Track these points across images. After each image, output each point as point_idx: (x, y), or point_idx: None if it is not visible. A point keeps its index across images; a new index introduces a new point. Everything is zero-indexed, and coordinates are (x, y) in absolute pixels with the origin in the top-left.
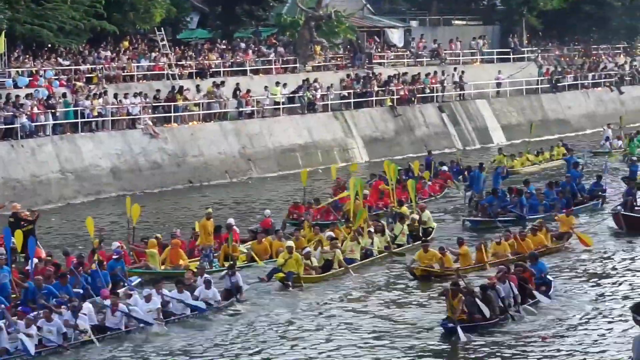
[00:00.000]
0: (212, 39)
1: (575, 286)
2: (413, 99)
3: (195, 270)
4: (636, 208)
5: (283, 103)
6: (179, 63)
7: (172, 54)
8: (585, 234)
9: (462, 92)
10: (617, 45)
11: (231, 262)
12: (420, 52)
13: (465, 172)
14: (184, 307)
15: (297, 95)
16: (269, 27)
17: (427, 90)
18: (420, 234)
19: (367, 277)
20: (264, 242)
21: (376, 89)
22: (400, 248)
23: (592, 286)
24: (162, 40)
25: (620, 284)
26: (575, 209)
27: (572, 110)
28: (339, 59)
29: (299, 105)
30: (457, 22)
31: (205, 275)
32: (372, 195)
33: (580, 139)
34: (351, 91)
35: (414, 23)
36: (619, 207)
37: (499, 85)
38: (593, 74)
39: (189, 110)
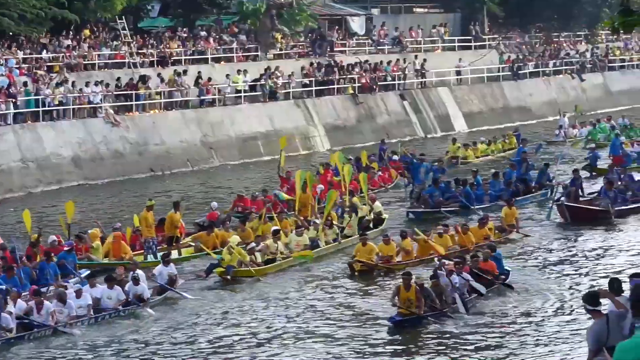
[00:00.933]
0: (173, 27)
1: (524, 277)
2: (374, 87)
3: (127, 265)
4: (581, 199)
5: (245, 91)
6: (140, 51)
7: (134, 42)
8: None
9: (423, 80)
10: (579, 33)
11: (165, 252)
12: (381, 40)
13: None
14: (115, 303)
15: (258, 83)
16: (230, 15)
17: (389, 78)
18: (371, 225)
19: (313, 270)
20: (212, 234)
21: (338, 77)
22: (349, 239)
23: (541, 277)
24: (124, 28)
25: (568, 275)
26: (523, 199)
27: (533, 97)
28: (300, 47)
29: (260, 93)
30: (418, 9)
31: (138, 271)
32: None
33: (533, 127)
34: (313, 79)
35: (375, 11)
36: (562, 198)
37: (459, 73)
38: (554, 61)
39: (150, 98)
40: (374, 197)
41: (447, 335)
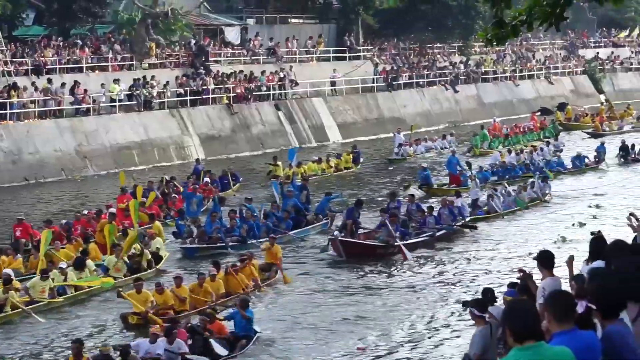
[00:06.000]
0: (48, 35)
1: (283, 330)
2: (249, 96)
3: None
4: (360, 231)
5: (120, 100)
6: (14, 60)
7: (8, 50)
8: (286, 273)
9: (291, 90)
10: (453, 45)
11: None
12: (256, 50)
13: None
14: None
15: (134, 93)
16: (105, 24)
17: (264, 89)
18: (146, 265)
19: (55, 325)
20: None
21: (212, 86)
22: (115, 282)
23: (296, 332)
24: None
25: (345, 323)
26: (302, 231)
27: (407, 108)
28: (176, 57)
29: (135, 102)
30: (293, 20)
31: None
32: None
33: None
34: (188, 89)
35: (250, 21)
36: (336, 233)
37: (334, 83)
38: (428, 72)
39: (25, 107)
40: (153, 233)
41: None
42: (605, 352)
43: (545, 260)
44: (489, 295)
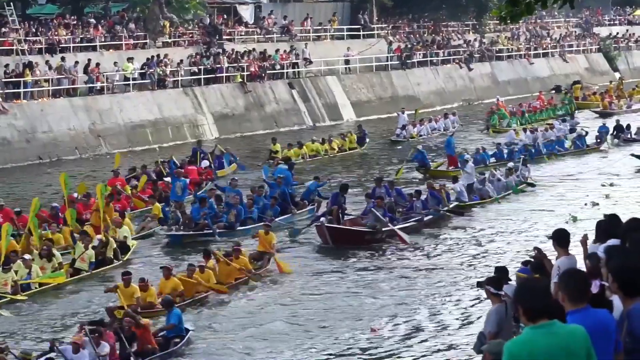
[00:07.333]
0: (61, 14)
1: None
2: (263, 75)
3: None
4: (347, 218)
5: (134, 79)
6: (28, 38)
7: (22, 29)
8: (283, 261)
9: (304, 69)
10: (467, 23)
11: None
12: (270, 29)
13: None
14: None
15: (147, 71)
16: (119, 3)
17: (278, 67)
18: (112, 255)
19: (11, 319)
20: None
21: (226, 65)
22: (79, 276)
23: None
24: (12, 15)
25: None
26: (289, 217)
27: (421, 86)
28: (189, 35)
29: (149, 81)
30: None
31: None
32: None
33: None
34: (201, 67)
35: None
36: (322, 219)
37: (348, 62)
38: (442, 50)
39: (38, 85)
40: (120, 221)
41: None
42: (629, 330)
43: (561, 238)
44: (502, 273)
